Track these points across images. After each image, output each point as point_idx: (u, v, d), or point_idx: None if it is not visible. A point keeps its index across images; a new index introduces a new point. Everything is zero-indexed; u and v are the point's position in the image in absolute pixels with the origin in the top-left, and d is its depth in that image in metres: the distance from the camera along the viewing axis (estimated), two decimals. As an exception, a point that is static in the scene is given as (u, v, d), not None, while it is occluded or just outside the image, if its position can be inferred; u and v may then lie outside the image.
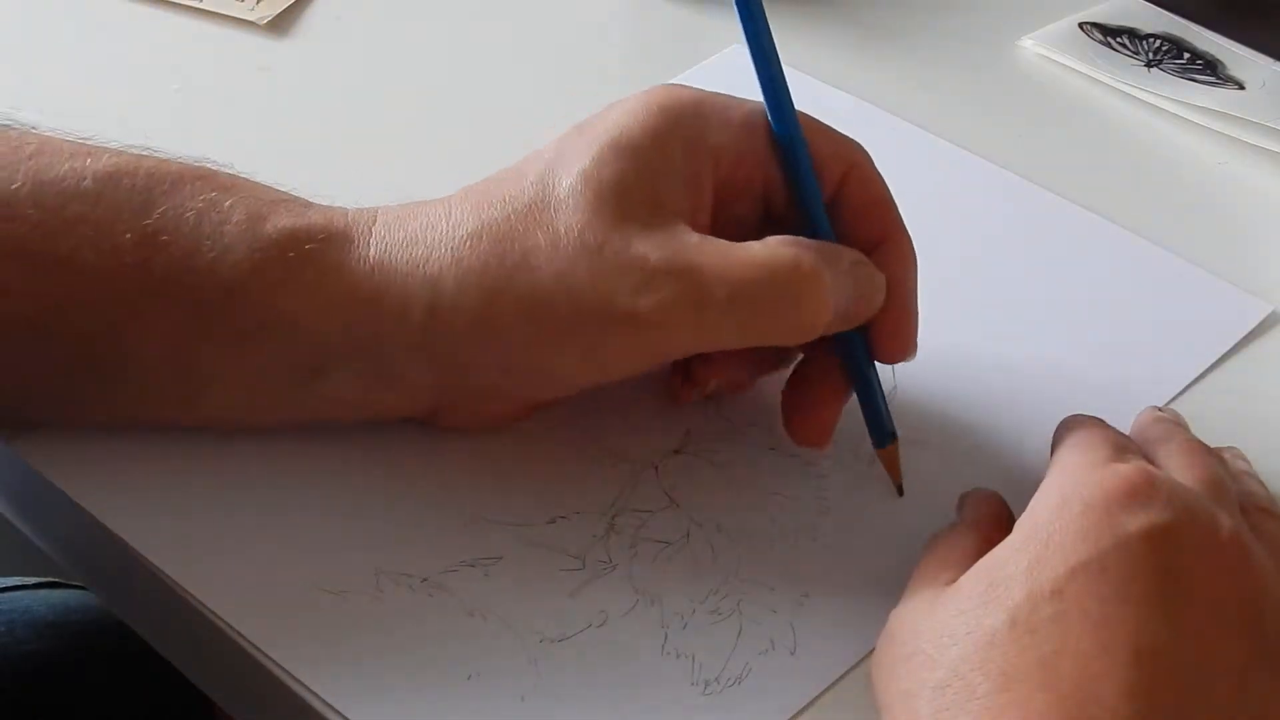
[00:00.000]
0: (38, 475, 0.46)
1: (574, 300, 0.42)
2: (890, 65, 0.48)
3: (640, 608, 0.44)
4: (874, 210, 0.46)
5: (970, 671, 0.37)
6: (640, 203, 0.43)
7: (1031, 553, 0.39)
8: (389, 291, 0.43)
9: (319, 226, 0.44)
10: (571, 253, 0.42)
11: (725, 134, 0.45)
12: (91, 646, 0.67)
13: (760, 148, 0.45)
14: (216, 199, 0.44)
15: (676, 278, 0.42)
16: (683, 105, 0.45)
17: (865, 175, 0.46)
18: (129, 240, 0.43)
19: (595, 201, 0.43)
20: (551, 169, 0.44)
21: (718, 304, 0.42)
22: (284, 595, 0.43)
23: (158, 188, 0.44)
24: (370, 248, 0.44)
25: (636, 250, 0.42)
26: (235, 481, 0.46)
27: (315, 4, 0.67)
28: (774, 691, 0.42)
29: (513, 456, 0.47)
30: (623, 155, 0.43)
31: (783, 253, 0.43)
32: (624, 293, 0.42)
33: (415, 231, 0.44)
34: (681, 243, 0.43)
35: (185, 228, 0.43)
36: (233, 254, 0.43)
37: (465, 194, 0.45)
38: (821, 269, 0.43)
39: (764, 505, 0.47)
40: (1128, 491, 0.39)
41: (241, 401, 0.45)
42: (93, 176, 0.44)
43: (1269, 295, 0.56)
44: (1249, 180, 0.63)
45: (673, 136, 0.44)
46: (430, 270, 0.43)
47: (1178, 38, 0.70)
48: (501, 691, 0.41)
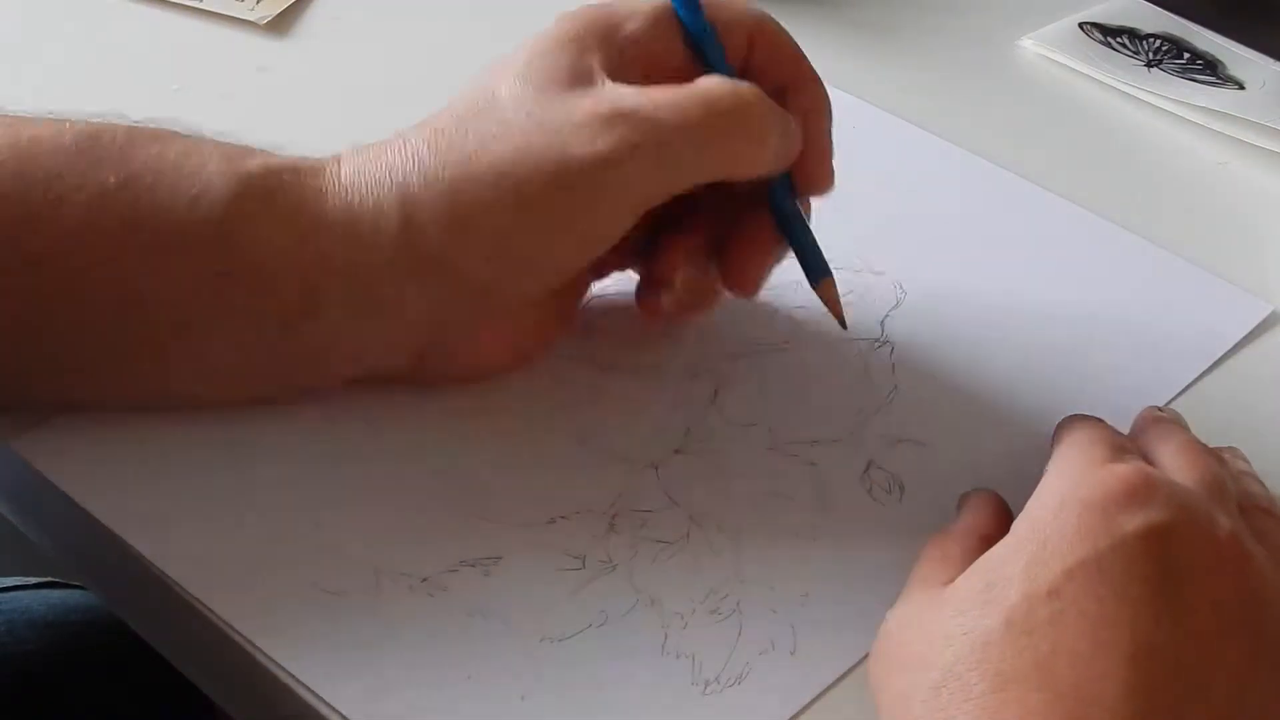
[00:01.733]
0: (38, 475, 0.46)
1: (536, 165, 0.44)
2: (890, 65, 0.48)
3: (640, 608, 0.44)
4: (783, 63, 0.49)
5: (966, 672, 0.37)
6: (576, 79, 0.45)
7: (1029, 553, 0.39)
8: (362, 206, 0.45)
9: (293, 162, 0.46)
10: (523, 125, 0.44)
11: (639, 21, 0.47)
12: (91, 646, 0.67)
13: (672, 35, 0.48)
14: (194, 145, 0.46)
15: (628, 116, 0.44)
16: (593, 12, 0.47)
17: (770, 36, 0.49)
18: (112, 184, 0.44)
19: (535, 88, 0.45)
20: (489, 81, 0.46)
21: (672, 131, 0.44)
22: (284, 595, 0.43)
23: (138, 140, 0.45)
24: (340, 171, 0.46)
25: (584, 105, 0.44)
26: (235, 482, 0.46)
27: (315, 4, 0.67)
28: (774, 691, 0.42)
29: (513, 456, 0.47)
30: (548, 54, 0.46)
31: (721, 84, 0.46)
32: (581, 142, 0.44)
33: (377, 152, 0.46)
34: (623, 92, 0.45)
35: (166, 168, 0.44)
36: (213, 189, 0.44)
37: (416, 123, 0.47)
38: (758, 92, 0.46)
39: (764, 505, 0.47)
40: (1125, 492, 0.39)
41: (233, 349, 0.45)
42: (73, 134, 0.45)
43: (1269, 295, 0.56)
44: (1249, 180, 0.63)
45: (591, 33, 0.47)
46: (396, 178, 0.45)
47: (1178, 38, 0.70)
48: (501, 691, 0.41)
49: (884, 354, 0.52)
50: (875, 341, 0.52)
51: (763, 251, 0.49)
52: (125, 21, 0.65)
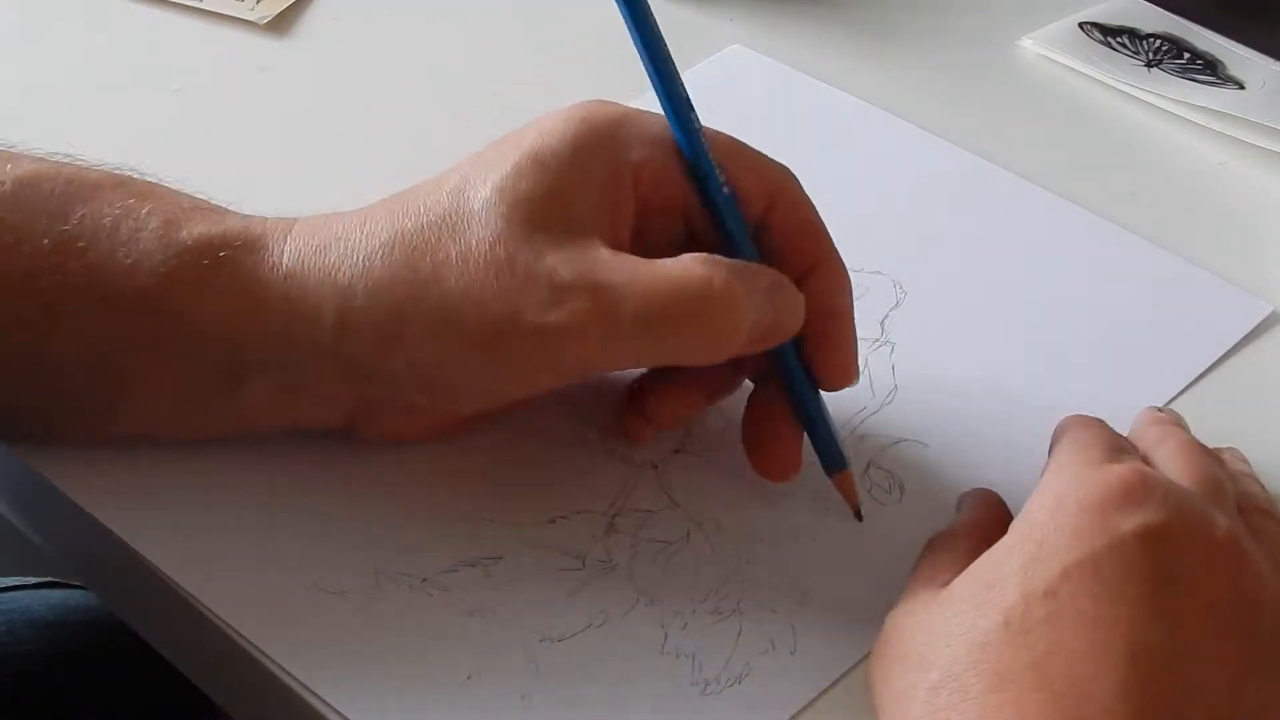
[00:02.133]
0: (38, 475, 0.46)
1: (482, 314, 0.42)
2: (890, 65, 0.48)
3: (640, 608, 0.44)
4: (802, 236, 0.45)
5: (964, 672, 0.37)
6: (555, 217, 0.43)
7: (1026, 553, 0.39)
8: (302, 299, 0.43)
9: (234, 233, 0.44)
10: (482, 266, 0.42)
11: (645, 150, 0.44)
12: (91, 646, 0.67)
13: (682, 168, 0.45)
14: (133, 206, 0.44)
15: (585, 294, 0.42)
16: (605, 120, 0.44)
17: (792, 200, 0.46)
18: (46, 245, 0.43)
19: (508, 214, 0.42)
20: (468, 180, 0.43)
21: (626, 320, 0.42)
22: (284, 595, 0.43)
23: (76, 194, 0.44)
24: (284, 254, 0.44)
25: (546, 265, 0.42)
26: (235, 482, 0.46)
27: (315, 4, 0.67)
28: (774, 691, 0.42)
29: (512, 456, 0.47)
30: (540, 168, 0.43)
31: (695, 270, 0.42)
32: (531, 308, 0.42)
33: (328, 239, 0.44)
34: (593, 259, 0.42)
35: (102, 234, 0.43)
36: (148, 261, 0.43)
37: (383, 203, 0.45)
38: (735, 287, 0.42)
39: (764, 505, 0.47)
40: (1122, 492, 0.39)
41: (164, 410, 0.45)
42: (12, 181, 0.44)
43: (1269, 295, 0.56)
44: (1249, 180, 0.63)
45: (593, 151, 0.44)
46: (340, 279, 0.43)
47: (1178, 38, 0.70)
48: (501, 691, 0.41)
49: (884, 354, 0.52)
50: (875, 341, 0.52)
51: (791, 441, 0.46)
52: (125, 21, 0.65)
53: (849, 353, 0.46)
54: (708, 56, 0.65)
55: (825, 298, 0.45)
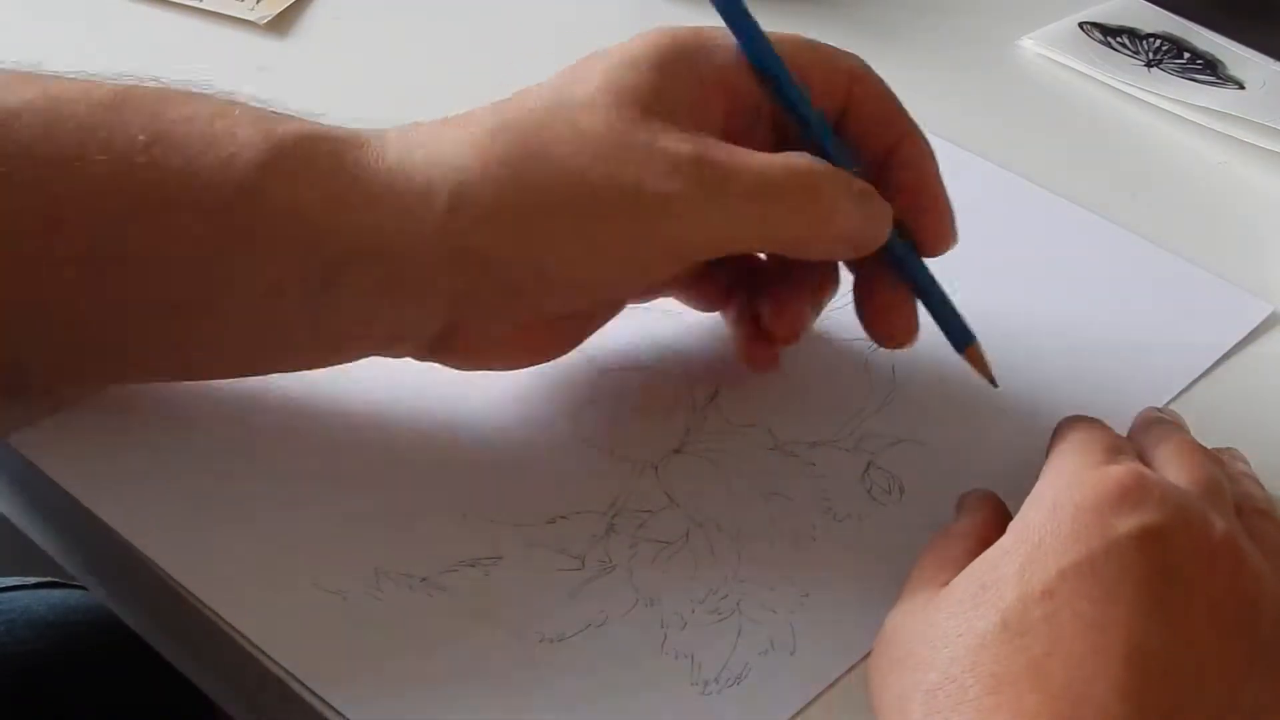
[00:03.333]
0: (38, 474, 0.46)
1: (602, 185, 0.43)
2: (890, 65, 0.48)
3: (640, 608, 0.44)
4: (883, 119, 0.47)
5: (961, 674, 0.37)
6: (659, 108, 0.44)
7: (1023, 554, 0.39)
8: (410, 184, 0.43)
9: (333, 131, 0.44)
10: (596, 142, 0.43)
11: (728, 57, 0.46)
12: (91, 646, 0.67)
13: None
14: (226, 108, 0.44)
15: (701, 166, 0.43)
16: (685, 35, 0.46)
17: (868, 87, 0.47)
18: (141, 141, 0.43)
19: (615, 103, 0.44)
20: (565, 81, 0.45)
21: (742, 192, 0.43)
22: (284, 595, 0.43)
23: (170, 99, 0.44)
24: (387, 148, 0.44)
25: (662, 142, 0.43)
26: (235, 481, 0.46)
27: (315, 4, 0.67)
28: (773, 692, 0.42)
29: (513, 456, 0.47)
30: (638, 70, 0.44)
31: (799, 160, 0.45)
32: (651, 178, 0.43)
33: (433, 131, 0.44)
34: (704, 141, 0.44)
35: (198, 128, 0.43)
36: (246, 151, 0.43)
37: (482, 107, 0.45)
38: (835, 179, 0.45)
39: (764, 505, 0.47)
40: (1119, 493, 0.39)
41: (255, 317, 0.44)
42: (105, 91, 0.44)
43: (1269, 295, 0.56)
44: (1249, 180, 0.63)
45: (679, 61, 0.45)
46: (453, 161, 0.43)
47: (1178, 38, 0.70)
48: (501, 691, 0.41)
49: (884, 354, 0.52)
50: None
51: (905, 306, 0.48)
52: (125, 21, 0.65)
53: (946, 214, 0.48)
54: (708, 56, 0.65)
55: (914, 168, 0.47)
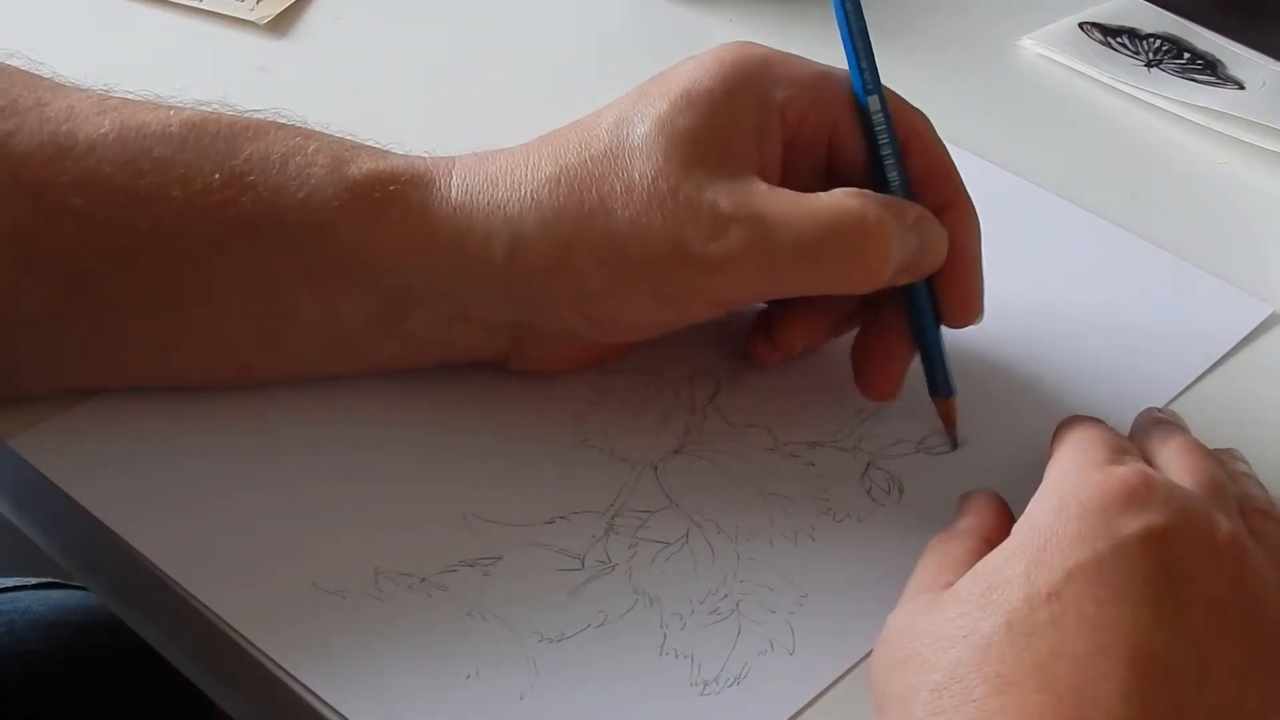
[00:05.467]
0: (37, 474, 0.46)
1: (647, 244, 0.44)
2: (890, 65, 0.48)
3: (639, 608, 0.44)
4: (936, 177, 0.48)
5: (967, 674, 0.37)
6: (712, 151, 0.45)
7: (1029, 556, 0.39)
8: (471, 231, 0.44)
9: (402, 169, 0.45)
10: (646, 198, 0.44)
11: (794, 89, 0.46)
12: (91, 646, 0.67)
13: (828, 105, 0.47)
14: (300, 144, 0.45)
15: (746, 224, 0.44)
16: (753, 60, 0.46)
17: (928, 143, 0.48)
18: (217, 180, 0.44)
19: (668, 148, 0.44)
20: (626, 117, 0.45)
21: (785, 250, 0.44)
22: (283, 595, 0.43)
23: (242, 134, 0.45)
24: (452, 189, 0.45)
25: (708, 196, 0.44)
26: (235, 481, 0.46)
27: (315, 4, 0.67)
28: (773, 692, 0.42)
29: (513, 456, 0.47)
30: (695, 105, 0.45)
31: (849, 203, 0.45)
32: (696, 238, 0.43)
33: (495, 174, 0.45)
34: (751, 191, 0.44)
35: (272, 169, 0.44)
36: (320, 194, 0.44)
37: (542, 141, 0.46)
38: (886, 220, 0.44)
39: (764, 505, 0.47)
40: (1124, 494, 0.39)
41: (321, 344, 0.46)
42: (179, 123, 0.45)
43: (1269, 296, 0.56)
44: (1249, 180, 0.63)
45: (743, 89, 0.45)
46: (511, 212, 0.44)
47: (1178, 38, 0.70)
48: (501, 691, 0.41)
49: (884, 354, 0.52)
50: (875, 342, 0.52)
51: (899, 362, 0.48)
52: (125, 21, 0.65)
53: (977, 288, 0.48)
54: (708, 56, 0.65)
55: (957, 237, 0.47)
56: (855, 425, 0.50)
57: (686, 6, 0.68)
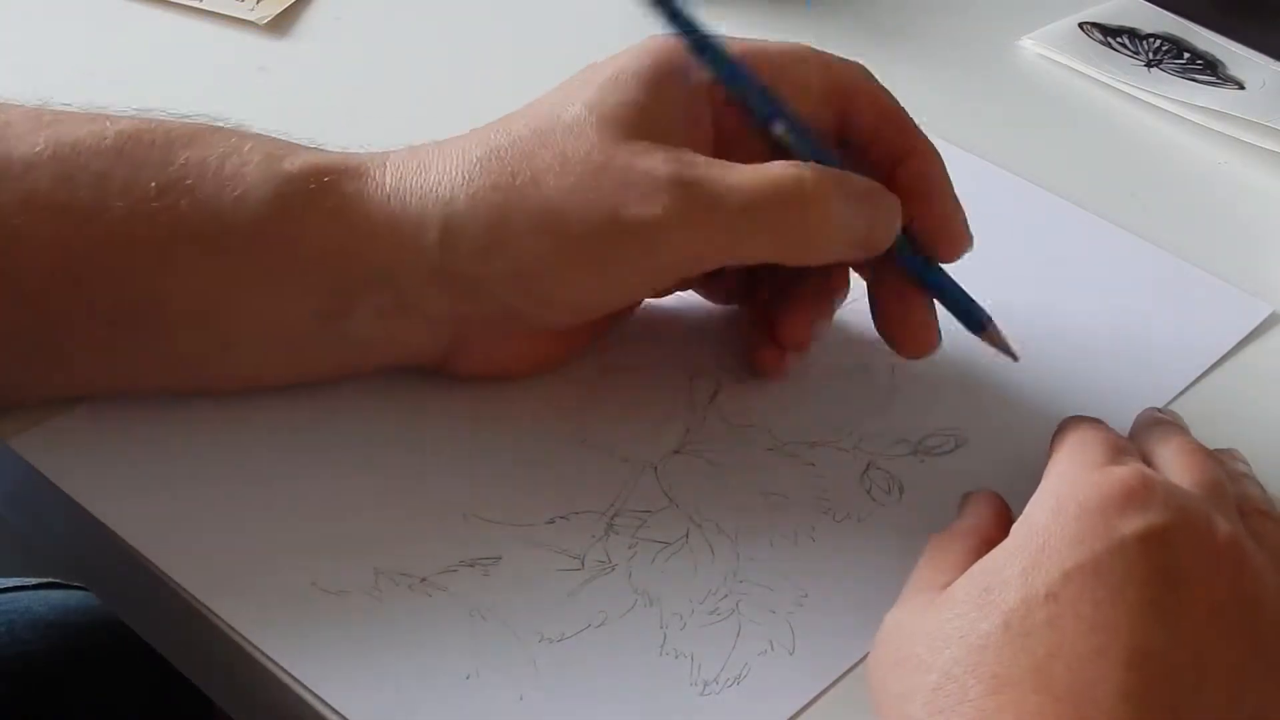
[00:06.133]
0: (38, 475, 0.46)
1: (584, 212, 0.44)
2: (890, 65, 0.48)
3: (639, 608, 0.44)
4: (887, 127, 0.47)
5: (964, 674, 0.37)
6: (643, 126, 0.45)
7: (1026, 556, 0.39)
8: (405, 216, 0.45)
9: (336, 162, 0.46)
10: (580, 169, 0.44)
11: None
12: (91, 646, 0.67)
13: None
14: (235, 144, 0.45)
15: (683, 186, 0.43)
16: (675, 47, 0.46)
17: (869, 94, 0.47)
18: (154, 188, 0.44)
19: (600, 125, 0.44)
20: (556, 102, 0.46)
21: (722, 212, 0.44)
22: (283, 595, 0.43)
23: (178, 140, 0.45)
24: (386, 177, 0.45)
25: (643, 163, 0.44)
26: (235, 481, 0.46)
27: (315, 4, 0.67)
28: (773, 692, 0.42)
29: (513, 456, 0.47)
30: (624, 86, 0.45)
31: (788, 169, 0.44)
32: (633, 202, 0.43)
33: (426, 160, 0.45)
34: (688, 159, 0.44)
35: (208, 172, 0.44)
36: (256, 191, 0.44)
37: (471, 131, 0.46)
38: (827, 185, 0.44)
39: (764, 505, 0.47)
40: (1123, 494, 0.39)
41: (270, 348, 0.46)
42: (114, 136, 0.45)
43: (1269, 296, 0.56)
44: (1249, 180, 0.63)
45: (669, 75, 0.46)
46: (442, 192, 0.44)
47: (1178, 38, 0.70)
48: (500, 691, 0.41)
49: (884, 354, 0.52)
50: (875, 342, 0.52)
51: (921, 312, 0.48)
52: (125, 21, 0.65)
53: (959, 223, 0.47)
54: (708, 56, 0.65)
55: (923, 179, 0.47)
56: (855, 425, 0.50)
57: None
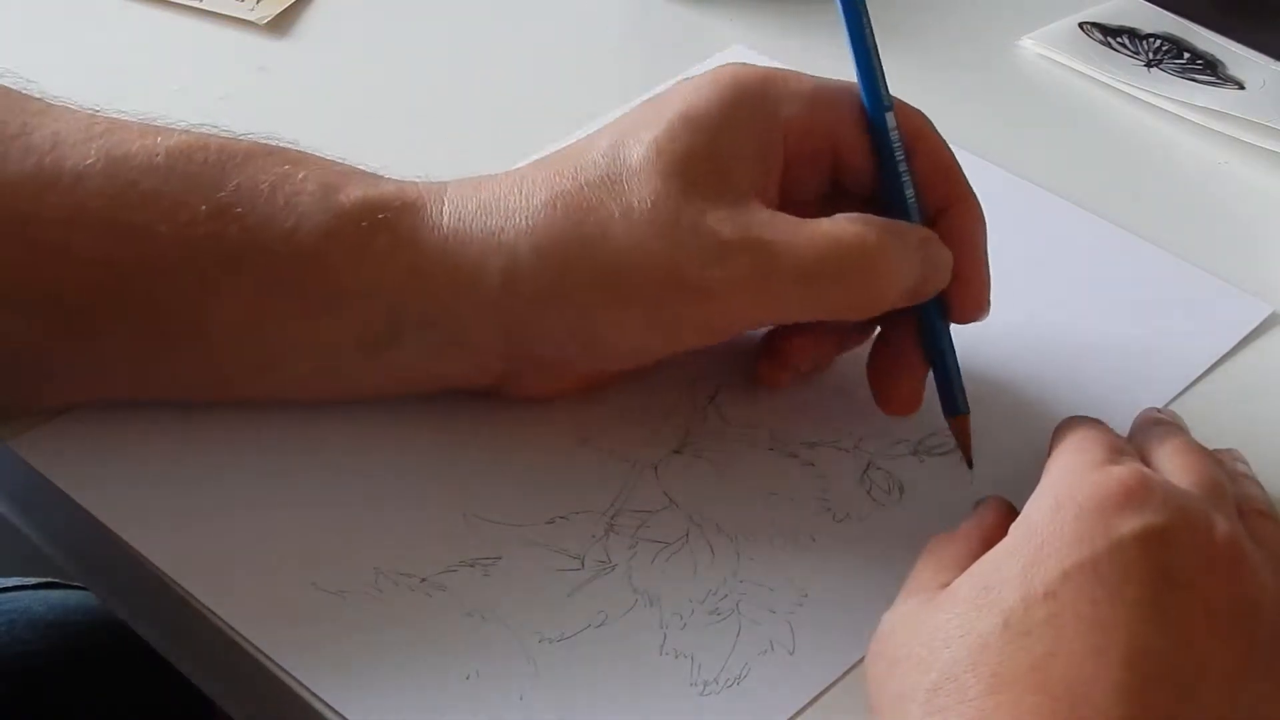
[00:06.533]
0: (38, 475, 0.46)
1: (647, 271, 0.43)
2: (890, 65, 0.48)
3: (639, 608, 0.44)
4: (941, 176, 0.47)
5: (963, 673, 0.37)
6: (711, 175, 0.44)
7: (1026, 556, 0.39)
8: (464, 259, 0.44)
9: (392, 195, 0.45)
10: (645, 225, 0.43)
11: (794, 106, 0.46)
12: (91, 646, 0.67)
13: (831, 119, 0.46)
14: (289, 172, 0.45)
15: (747, 251, 0.43)
16: (751, 80, 0.46)
17: (931, 143, 0.48)
18: (204, 212, 0.43)
19: (667, 172, 0.44)
20: (623, 140, 0.45)
21: (786, 278, 0.44)
22: (283, 595, 0.43)
23: (230, 162, 0.44)
24: (444, 216, 0.45)
25: (708, 224, 0.43)
26: (235, 482, 0.46)
27: (315, 4, 0.67)
28: (773, 692, 0.42)
29: (513, 456, 0.47)
30: (693, 128, 0.44)
31: (850, 229, 0.44)
32: (695, 265, 0.43)
33: (488, 201, 0.45)
34: (752, 218, 0.44)
35: (260, 199, 0.44)
36: (307, 223, 0.44)
37: (536, 166, 0.46)
38: (888, 244, 0.44)
39: (764, 505, 0.47)
40: (1122, 494, 0.39)
41: (312, 373, 0.46)
42: (165, 152, 0.44)
43: (1269, 295, 0.56)
44: (1249, 180, 0.63)
45: (741, 109, 0.45)
46: (505, 239, 0.44)
47: (1178, 38, 0.70)
48: (500, 691, 0.41)
49: (884, 354, 0.52)
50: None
51: (915, 375, 0.48)
52: (125, 21, 0.65)
53: (984, 284, 0.47)
54: (708, 56, 0.65)
55: (962, 232, 0.47)
56: (855, 425, 0.50)
57: (686, 6, 0.68)
